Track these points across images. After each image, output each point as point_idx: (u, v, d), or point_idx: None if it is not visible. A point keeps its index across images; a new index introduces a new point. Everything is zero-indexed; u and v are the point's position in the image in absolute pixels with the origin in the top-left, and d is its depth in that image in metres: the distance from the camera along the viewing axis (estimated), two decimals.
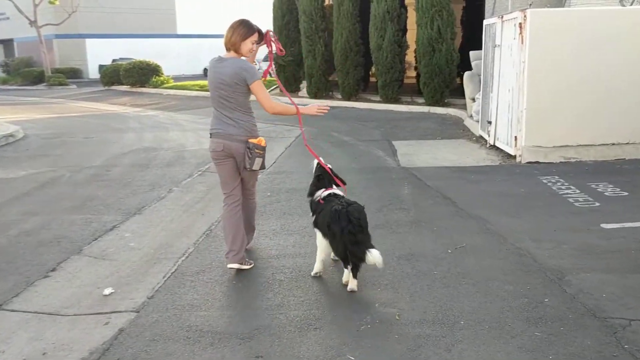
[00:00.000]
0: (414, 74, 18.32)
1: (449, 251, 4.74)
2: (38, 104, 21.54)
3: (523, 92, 7.98)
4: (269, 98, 4.21)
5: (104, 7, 43.04)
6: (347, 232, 3.78)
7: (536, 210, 5.89)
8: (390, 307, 3.74)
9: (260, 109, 4.33)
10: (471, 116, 12.22)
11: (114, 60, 36.58)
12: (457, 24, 15.51)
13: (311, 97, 18.74)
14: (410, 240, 5.06)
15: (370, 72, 19.54)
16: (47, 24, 35.07)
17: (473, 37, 16.80)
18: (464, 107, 14.49)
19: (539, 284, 4.03)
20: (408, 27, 16.34)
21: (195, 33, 47.72)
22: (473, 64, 12.46)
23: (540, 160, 8.06)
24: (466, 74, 12.33)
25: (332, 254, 4.24)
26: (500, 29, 8.87)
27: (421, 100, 16.08)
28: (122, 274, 4.47)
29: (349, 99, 17.75)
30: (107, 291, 4.12)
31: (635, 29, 8.02)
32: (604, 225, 5.30)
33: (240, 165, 4.32)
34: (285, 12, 19.71)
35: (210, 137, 4.36)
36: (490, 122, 9.29)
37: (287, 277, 4.32)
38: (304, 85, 20.94)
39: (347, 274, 4.03)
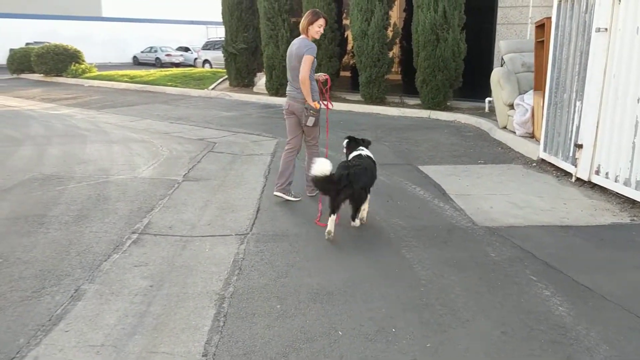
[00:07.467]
0: (396, 69, 15.18)
1: None
2: None
3: None
4: (306, 70, 5.10)
5: None
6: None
7: None
8: None
9: None
10: (505, 128, 9.18)
11: (27, 44, 31.39)
12: None
13: (271, 94, 15.23)
14: None
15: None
16: None
17: (480, 26, 13.86)
18: (475, 112, 11.53)
19: None
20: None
21: (123, 17, 42.91)
22: (506, 57, 9.42)
23: None
24: (498, 72, 9.25)
25: None
26: (609, 3, 5.78)
27: (413, 101, 12.96)
28: None
29: None
30: None
31: None
32: None
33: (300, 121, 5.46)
34: None
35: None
36: (580, 146, 6.21)
37: None
38: (259, 78, 17.38)
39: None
